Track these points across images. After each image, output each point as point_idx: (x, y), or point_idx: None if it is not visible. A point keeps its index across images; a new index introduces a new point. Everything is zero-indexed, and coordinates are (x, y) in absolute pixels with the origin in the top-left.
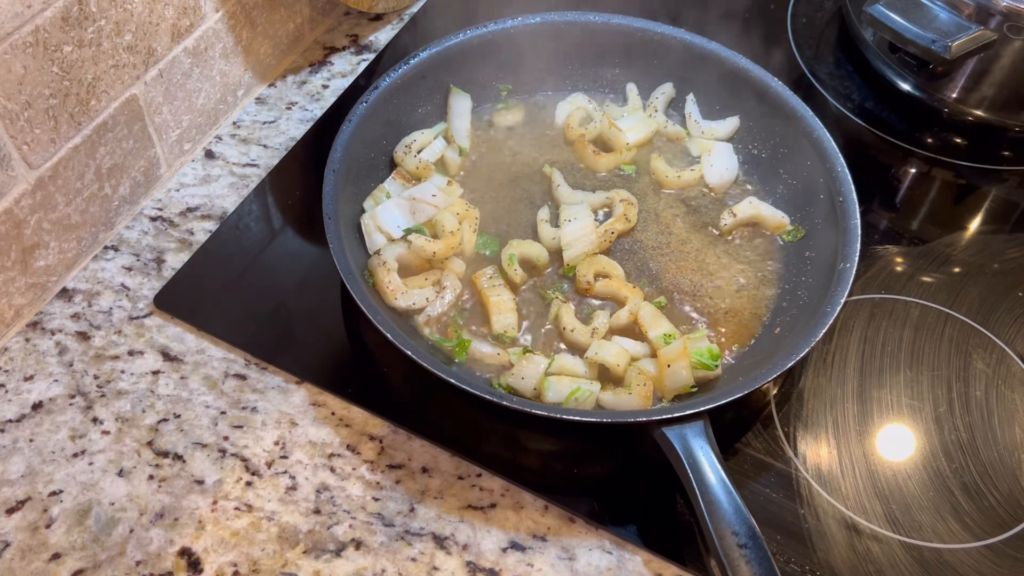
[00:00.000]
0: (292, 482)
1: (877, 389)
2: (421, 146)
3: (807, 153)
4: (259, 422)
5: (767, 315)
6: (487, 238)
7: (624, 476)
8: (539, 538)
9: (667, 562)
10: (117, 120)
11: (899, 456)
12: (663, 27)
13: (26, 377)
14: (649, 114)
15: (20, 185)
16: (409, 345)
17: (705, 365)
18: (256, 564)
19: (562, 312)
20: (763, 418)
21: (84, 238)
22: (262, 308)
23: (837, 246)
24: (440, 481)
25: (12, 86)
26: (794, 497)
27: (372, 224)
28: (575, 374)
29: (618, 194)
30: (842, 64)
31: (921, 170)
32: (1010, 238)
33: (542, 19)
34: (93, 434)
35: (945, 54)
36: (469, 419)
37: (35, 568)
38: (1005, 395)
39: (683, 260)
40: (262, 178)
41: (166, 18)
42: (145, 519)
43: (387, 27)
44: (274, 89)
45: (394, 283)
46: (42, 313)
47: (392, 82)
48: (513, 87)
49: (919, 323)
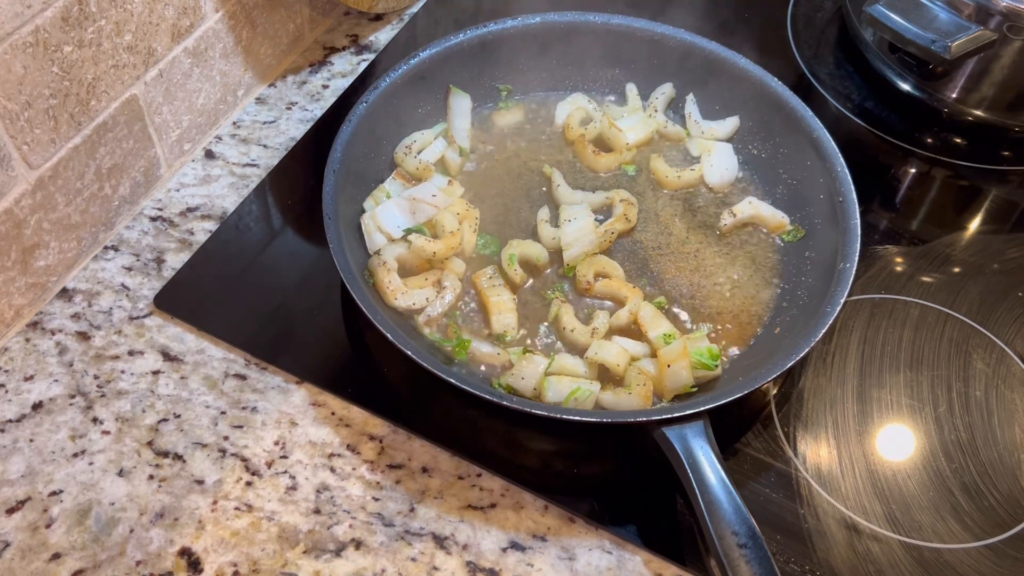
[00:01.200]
0: (292, 482)
1: (877, 389)
2: (421, 147)
3: (807, 153)
4: (259, 422)
5: (767, 315)
6: (487, 238)
7: (624, 476)
8: (539, 538)
9: (667, 562)
10: (117, 120)
11: (899, 456)
12: (663, 27)
13: (26, 377)
14: (649, 114)
15: (20, 185)
16: (409, 345)
17: (705, 365)
18: (256, 564)
19: (562, 312)
20: (763, 418)
21: (84, 238)
22: (262, 308)
23: (837, 246)
24: (440, 481)
25: (12, 86)
26: (794, 497)
27: (372, 224)
28: (575, 374)
29: (618, 194)
30: (842, 64)
31: (921, 170)
32: (1010, 238)
33: (542, 19)
34: (93, 434)
35: (945, 54)
36: (469, 419)
37: (35, 568)
38: (1005, 395)
39: (683, 260)
40: (262, 178)
41: (166, 18)
42: (145, 519)
43: (387, 27)
44: (274, 89)
45: (394, 283)
46: (42, 313)
47: (392, 82)
48: (513, 87)
49: (919, 323)
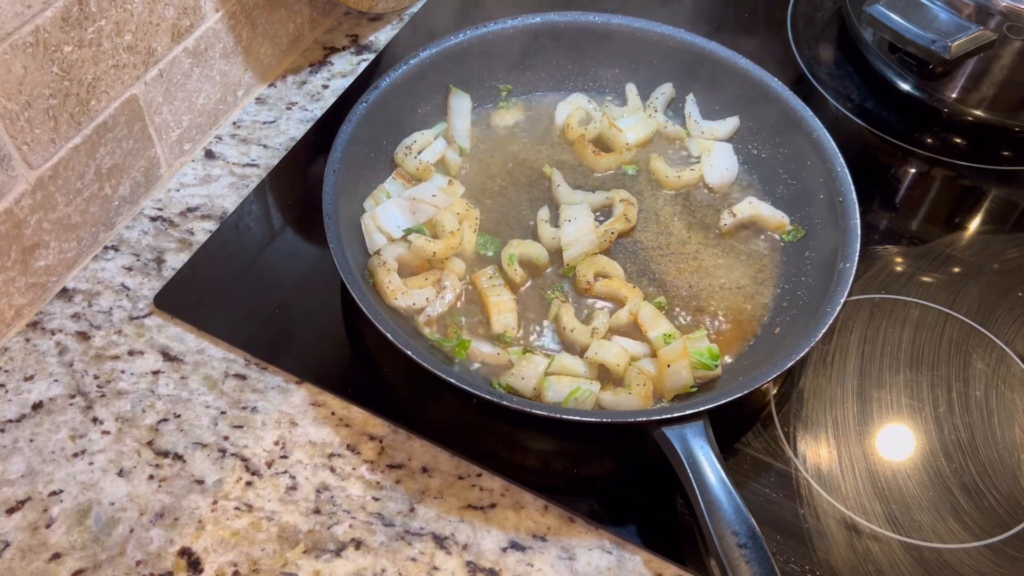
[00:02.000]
0: (292, 482)
1: (877, 389)
2: (421, 147)
3: (807, 153)
4: (259, 422)
5: (767, 315)
6: (487, 238)
7: (624, 476)
8: (539, 538)
9: (667, 562)
10: (117, 120)
11: (899, 456)
12: (663, 27)
13: (26, 377)
14: (649, 114)
15: (20, 185)
16: (409, 345)
17: (705, 365)
18: (256, 564)
19: (562, 312)
20: (763, 418)
21: (84, 238)
22: (262, 308)
23: (837, 246)
24: (440, 481)
25: (12, 86)
26: (794, 497)
27: (372, 224)
28: (575, 374)
29: (618, 194)
30: (842, 64)
31: (921, 170)
32: (1010, 238)
33: (542, 19)
34: (93, 434)
35: (945, 54)
36: (469, 419)
37: (35, 568)
38: (1005, 395)
39: (683, 260)
40: (262, 178)
41: (166, 18)
42: (145, 519)
43: (387, 27)
44: (274, 89)
45: (394, 283)
46: (42, 313)
47: (392, 82)
48: (513, 87)
49: (919, 323)
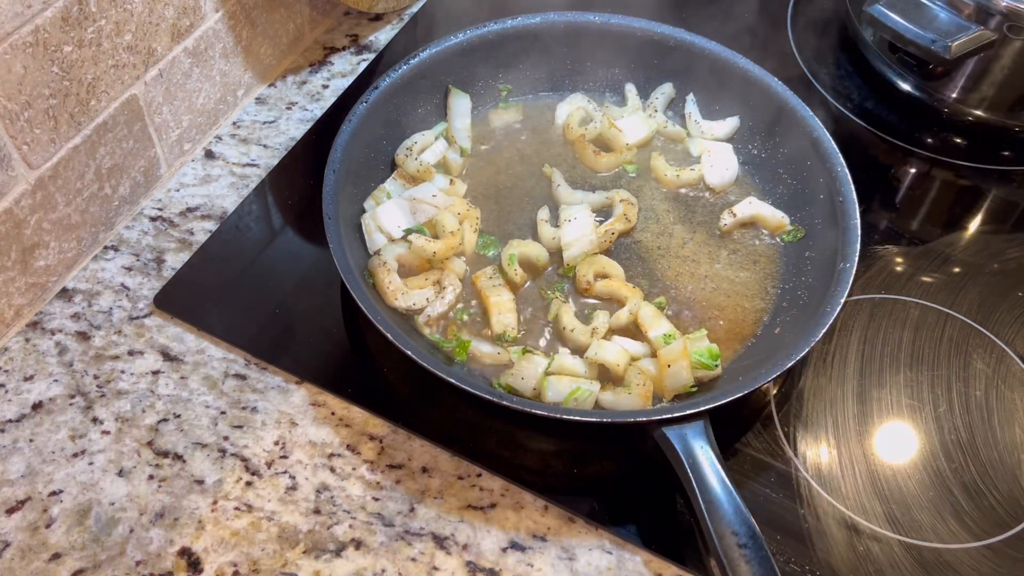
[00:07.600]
0: (292, 482)
1: (877, 389)
2: (422, 148)
3: (807, 153)
4: (259, 422)
5: (767, 315)
6: (487, 238)
7: (624, 476)
8: (539, 538)
9: (667, 562)
10: (117, 120)
11: (899, 456)
12: (663, 27)
13: (26, 377)
14: (649, 114)
15: (20, 185)
16: (409, 345)
17: (705, 365)
18: (256, 564)
19: (562, 312)
20: (763, 418)
21: (84, 238)
22: (262, 308)
23: (837, 246)
24: (440, 481)
25: (12, 86)
26: (794, 497)
27: (372, 224)
28: (575, 374)
29: (618, 194)
30: (842, 64)
31: (921, 170)
32: (1010, 238)
33: (542, 19)
34: (93, 434)
35: (945, 54)
36: (469, 419)
37: (35, 568)
38: (1005, 395)
39: (683, 260)
40: (262, 178)
41: (166, 18)
42: (145, 519)
43: (387, 27)
44: (274, 89)
45: (394, 283)
46: (42, 313)
47: (392, 82)
48: (513, 87)
49: (919, 323)
